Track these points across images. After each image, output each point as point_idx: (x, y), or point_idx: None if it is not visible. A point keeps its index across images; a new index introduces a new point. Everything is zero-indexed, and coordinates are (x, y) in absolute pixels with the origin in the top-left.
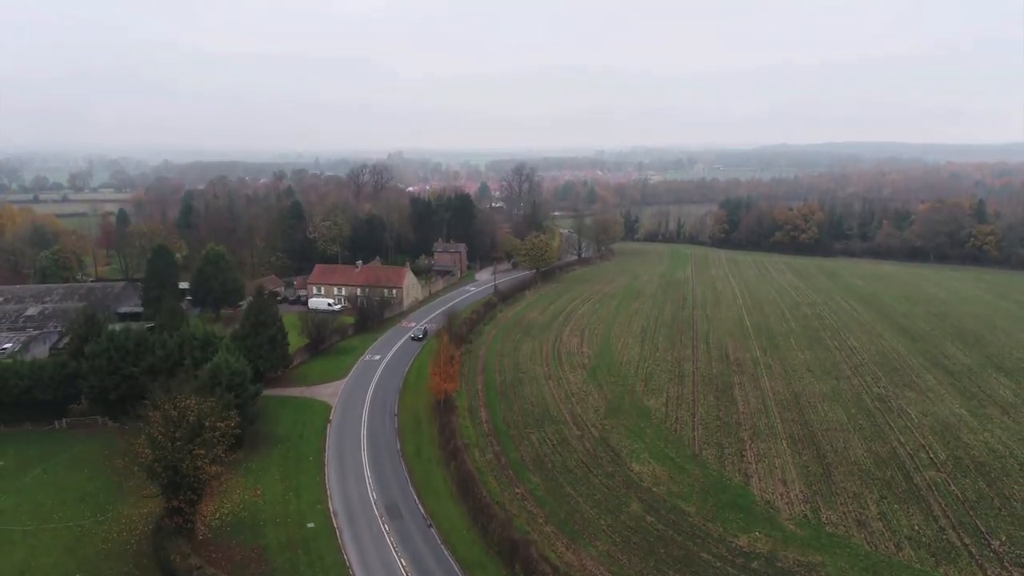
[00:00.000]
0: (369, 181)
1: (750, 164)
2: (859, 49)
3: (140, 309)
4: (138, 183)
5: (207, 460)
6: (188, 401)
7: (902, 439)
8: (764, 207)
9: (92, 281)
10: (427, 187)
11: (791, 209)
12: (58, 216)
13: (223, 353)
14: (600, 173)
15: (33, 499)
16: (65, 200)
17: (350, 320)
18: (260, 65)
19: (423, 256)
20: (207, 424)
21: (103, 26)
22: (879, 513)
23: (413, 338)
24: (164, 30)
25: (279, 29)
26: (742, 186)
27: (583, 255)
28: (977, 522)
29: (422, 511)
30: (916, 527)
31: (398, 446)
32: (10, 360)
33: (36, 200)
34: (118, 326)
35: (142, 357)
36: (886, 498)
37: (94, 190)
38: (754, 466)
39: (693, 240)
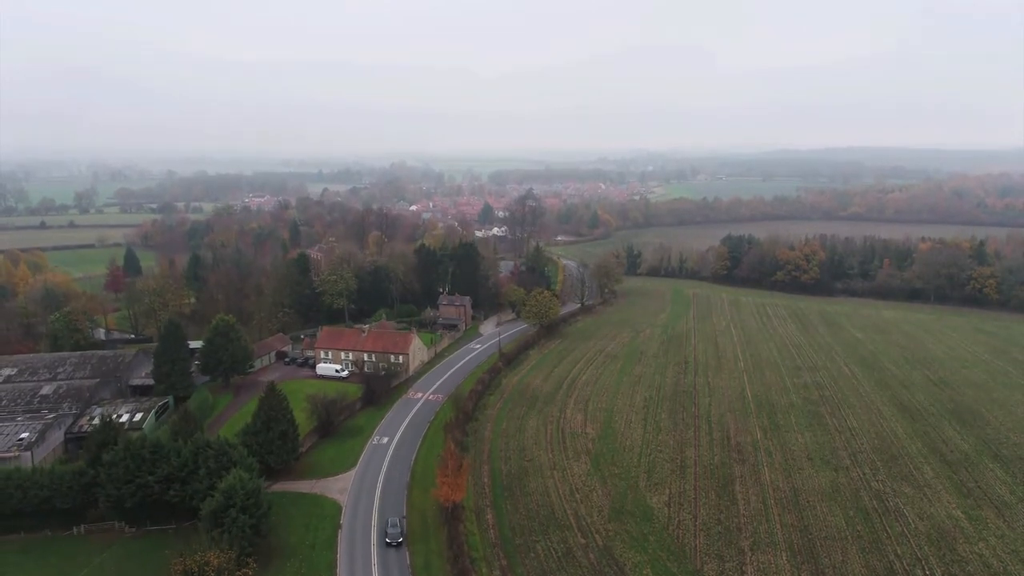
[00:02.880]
0: (374, 219)
1: (752, 172)
2: (862, 51)
3: (152, 382)
4: (143, 199)
5: None
6: (208, 556)
7: (899, 550)
8: (766, 246)
9: (104, 339)
10: (431, 204)
11: (793, 249)
12: (65, 248)
13: (237, 471)
14: (603, 186)
15: None
16: (72, 226)
17: (357, 393)
18: (261, 71)
19: (428, 308)
20: None
21: (105, 31)
22: None
23: (389, 543)
24: (166, 35)
25: (278, 36)
26: (744, 205)
27: (586, 301)
28: None
29: None
30: None
31: (407, 560)
32: (30, 469)
33: (43, 226)
34: (128, 413)
35: (158, 465)
36: None
37: (99, 210)
38: None
39: (695, 275)
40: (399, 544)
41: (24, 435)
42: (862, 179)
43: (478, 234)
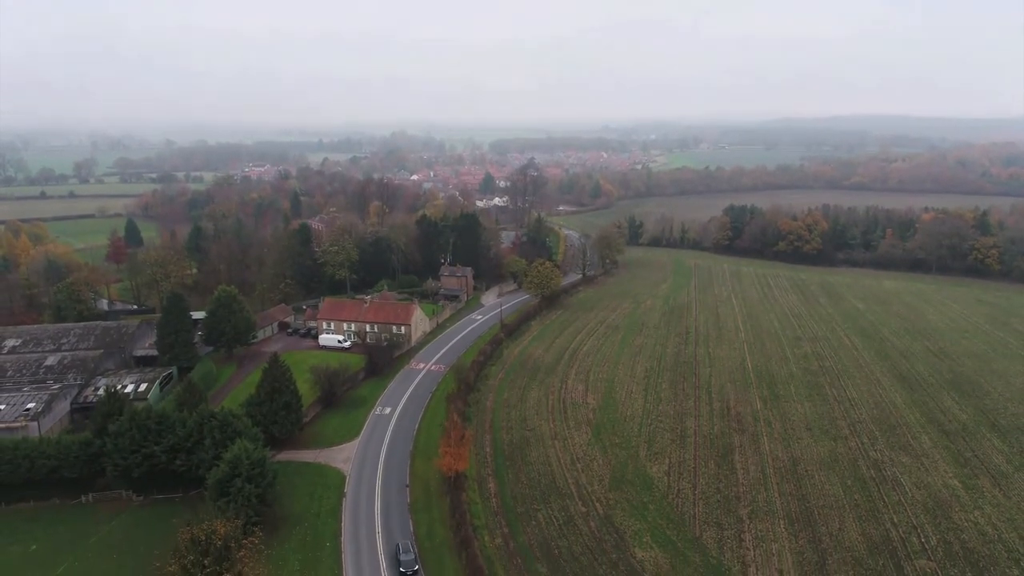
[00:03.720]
0: (375, 189)
1: (756, 141)
2: (868, 22)
3: (156, 352)
4: (143, 168)
5: None
6: (215, 524)
7: (895, 519)
8: (769, 216)
9: (107, 310)
10: (432, 174)
11: (795, 219)
12: (65, 219)
13: (242, 442)
14: (605, 155)
15: None
16: (72, 196)
17: (360, 364)
18: (259, 42)
19: (430, 279)
20: (233, 545)
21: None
22: None
23: (404, 572)
24: (165, 6)
25: (275, 7)
26: (747, 175)
27: (588, 272)
28: None
29: None
30: None
31: (411, 527)
32: (37, 438)
33: (43, 196)
34: (133, 383)
35: (164, 436)
36: None
37: (99, 180)
38: (752, 552)
39: (697, 246)
40: (415, 572)
41: (30, 405)
42: (866, 148)
43: (479, 204)
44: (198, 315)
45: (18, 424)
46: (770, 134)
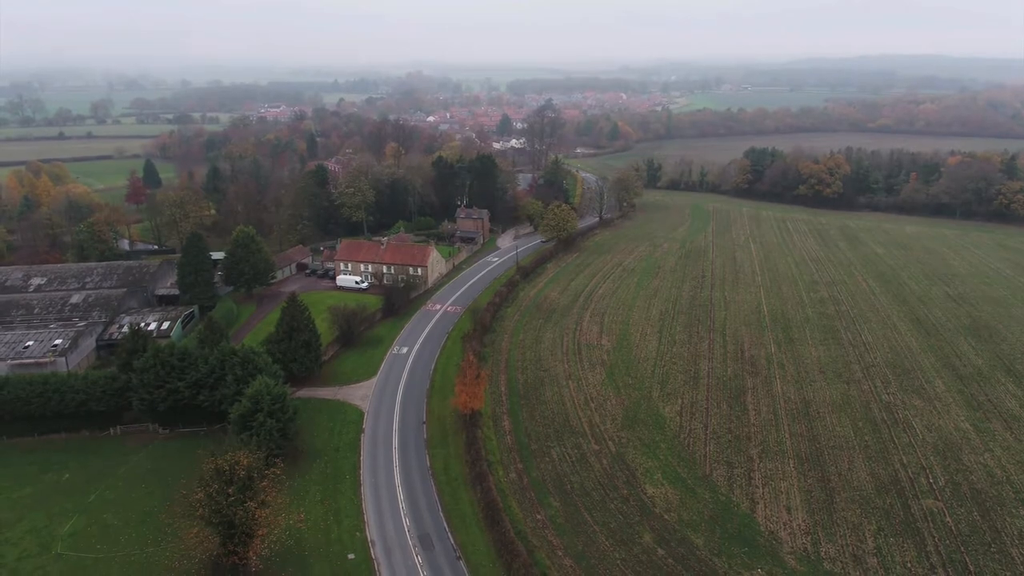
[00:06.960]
0: (391, 130)
1: (780, 82)
2: None
3: (177, 292)
4: (159, 109)
5: (256, 506)
6: (238, 456)
7: (905, 460)
8: (790, 159)
9: (128, 250)
10: (448, 115)
11: (817, 162)
12: (85, 160)
13: (263, 378)
14: (624, 96)
15: (100, 519)
16: (90, 137)
17: (377, 305)
18: None
19: (446, 222)
20: (255, 475)
21: None
22: (875, 548)
23: None
24: None
25: None
26: (769, 117)
27: (605, 215)
28: (967, 559)
29: (452, 541)
30: (908, 564)
31: (427, 462)
32: (66, 373)
33: (61, 137)
34: (156, 321)
35: (187, 372)
36: (883, 530)
37: (116, 121)
38: (761, 490)
39: (716, 189)
40: None
41: (58, 341)
42: (893, 90)
43: (496, 146)
44: (217, 255)
45: (47, 360)
46: (795, 75)
